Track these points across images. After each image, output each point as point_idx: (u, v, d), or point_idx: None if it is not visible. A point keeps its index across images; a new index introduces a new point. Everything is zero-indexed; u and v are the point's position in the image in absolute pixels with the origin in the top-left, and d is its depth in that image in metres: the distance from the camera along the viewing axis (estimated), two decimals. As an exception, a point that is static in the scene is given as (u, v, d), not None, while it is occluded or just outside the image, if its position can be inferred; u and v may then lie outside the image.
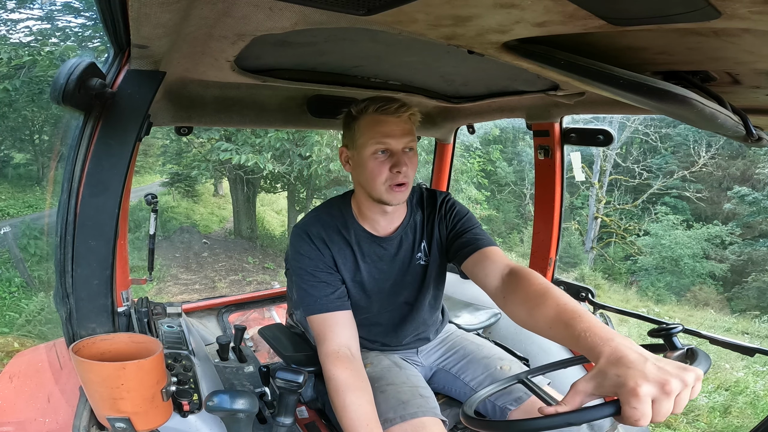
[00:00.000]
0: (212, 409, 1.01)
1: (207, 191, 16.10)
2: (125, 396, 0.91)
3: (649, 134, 14.33)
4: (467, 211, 1.38)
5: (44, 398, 1.14)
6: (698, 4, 0.53)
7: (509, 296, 1.09)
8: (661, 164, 15.50)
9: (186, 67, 1.17)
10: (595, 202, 14.49)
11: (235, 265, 10.26)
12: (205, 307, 2.31)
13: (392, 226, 1.33)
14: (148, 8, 0.71)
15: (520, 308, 1.05)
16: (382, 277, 1.35)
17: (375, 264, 1.33)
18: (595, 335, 0.81)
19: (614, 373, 0.72)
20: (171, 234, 11.40)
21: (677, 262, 13.40)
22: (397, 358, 1.41)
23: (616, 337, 0.79)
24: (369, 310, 1.37)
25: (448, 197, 1.40)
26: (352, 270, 1.32)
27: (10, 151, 11.98)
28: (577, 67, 0.77)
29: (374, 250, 1.32)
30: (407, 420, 1.14)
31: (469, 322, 2.08)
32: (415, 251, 1.36)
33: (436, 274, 1.39)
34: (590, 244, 14.52)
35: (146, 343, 1.03)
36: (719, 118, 0.82)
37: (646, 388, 0.69)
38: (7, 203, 10.65)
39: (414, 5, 0.65)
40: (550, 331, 0.94)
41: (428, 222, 1.37)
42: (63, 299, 1.00)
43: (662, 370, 0.70)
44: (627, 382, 0.70)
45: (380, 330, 1.42)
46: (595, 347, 0.79)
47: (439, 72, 1.47)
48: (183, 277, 9.37)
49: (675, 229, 14.17)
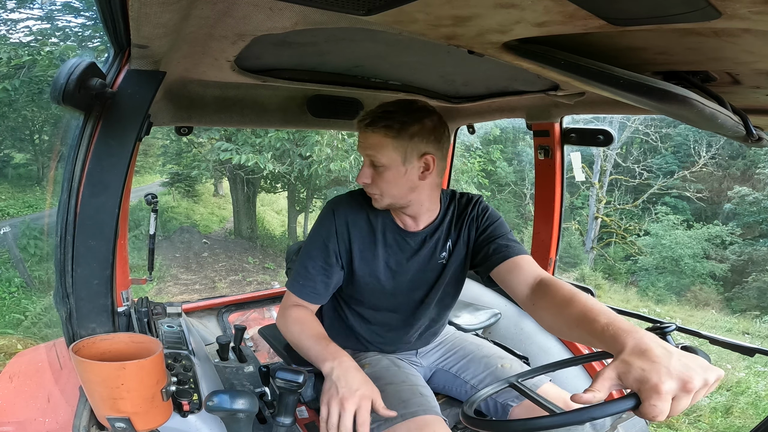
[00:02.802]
0: (212, 409, 1.01)
1: (207, 191, 16.11)
2: (125, 396, 0.91)
3: (649, 134, 14.35)
4: (499, 217, 1.36)
5: (44, 398, 1.14)
6: (698, 4, 0.53)
7: (538, 302, 1.10)
8: (661, 164, 15.53)
9: (186, 67, 1.17)
10: (596, 202, 14.51)
11: (235, 265, 10.29)
12: (205, 307, 2.31)
13: (420, 225, 1.32)
14: (148, 8, 0.71)
15: (548, 313, 1.06)
16: (401, 270, 1.33)
17: (395, 255, 1.32)
18: (618, 328, 0.82)
19: (639, 366, 0.72)
20: (171, 234, 11.42)
21: (677, 262, 13.44)
22: (395, 359, 1.40)
23: (639, 330, 0.80)
24: (383, 305, 1.36)
25: (481, 200, 1.38)
26: (371, 257, 1.31)
27: (10, 151, 11.98)
28: (577, 67, 0.77)
29: (398, 242, 1.32)
30: (408, 419, 1.13)
31: (469, 322, 2.07)
32: (438, 250, 1.34)
33: (454, 273, 1.37)
34: (590, 244, 14.53)
35: (146, 343, 1.03)
36: (719, 118, 0.82)
37: (669, 384, 0.68)
38: (6, 203, 10.66)
39: (414, 5, 0.64)
40: (576, 330, 0.95)
41: (457, 222, 1.35)
42: (63, 299, 1.00)
43: (687, 367, 0.70)
44: (651, 378, 0.69)
45: (389, 328, 1.41)
46: (618, 338, 0.80)
47: (440, 72, 1.47)
48: (183, 278, 9.42)
49: (675, 229, 14.22)
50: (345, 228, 1.29)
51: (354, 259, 1.30)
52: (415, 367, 1.44)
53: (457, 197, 1.38)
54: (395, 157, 1.17)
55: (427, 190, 1.25)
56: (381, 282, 1.33)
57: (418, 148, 1.17)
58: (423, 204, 1.27)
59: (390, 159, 1.17)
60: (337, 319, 1.46)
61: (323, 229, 1.29)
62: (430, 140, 1.18)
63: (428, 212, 1.31)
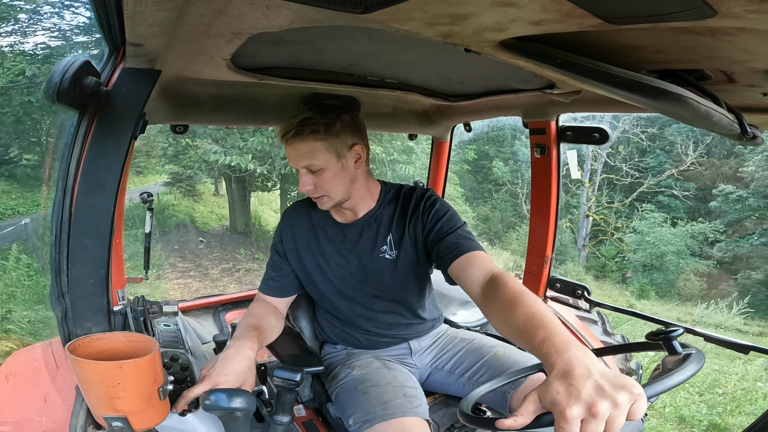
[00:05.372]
0: (209, 407, 1.01)
1: (207, 191, 16.74)
2: (122, 395, 0.91)
3: (638, 134, 14.53)
4: (447, 209, 1.34)
5: (41, 397, 1.13)
6: (694, 2, 0.53)
7: (488, 305, 1.07)
8: (651, 163, 15.76)
9: (181, 65, 1.16)
10: (586, 200, 14.66)
11: (228, 255, 11.25)
12: (201, 306, 2.30)
13: (355, 216, 1.38)
14: (143, 6, 0.70)
15: (495, 317, 1.02)
16: (344, 263, 1.38)
17: (337, 247, 1.39)
18: (552, 345, 0.79)
19: (555, 389, 0.70)
20: (170, 229, 12.24)
21: (663, 258, 13.82)
22: (388, 361, 1.41)
23: (572, 347, 0.77)
24: (338, 299, 1.41)
25: (430, 194, 1.37)
26: (316, 251, 1.39)
27: (27, 155, 12.59)
28: (574, 66, 0.77)
29: (336, 234, 1.39)
30: (386, 420, 1.14)
31: (465, 319, 2.08)
32: (378, 244, 1.36)
33: (410, 271, 1.37)
34: (582, 242, 14.69)
35: (143, 342, 1.03)
36: (714, 117, 0.82)
37: (575, 410, 0.67)
38: (17, 202, 11.68)
39: (411, 3, 0.64)
40: (519, 341, 0.91)
41: (400, 217, 1.36)
42: (58, 298, 0.99)
43: (599, 390, 0.68)
44: (561, 401, 0.68)
45: (357, 325, 1.44)
46: (549, 357, 0.77)
47: (436, 70, 1.47)
48: (180, 265, 10.44)
49: (660, 227, 14.68)
50: (289, 228, 1.43)
51: (301, 256, 1.41)
52: (409, 368, 1.44)
53: (403, 191, 1.41)
54: (329, 156, 1.25)
55: (362, 179, 1.34)
56: (327, 275, 1.39)
57: (345, 141, 1.26)
58: (360, 194, 1.35)
59: (325, 160, 1.25)
60: (318, 323, 1.54)
61: (276, 233, 1.47)
62: (353, 131, 1.28)
63: (364, 201, 1.37)
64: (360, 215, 1.38)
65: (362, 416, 1.18)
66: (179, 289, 9.26)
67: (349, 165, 1.29)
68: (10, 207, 11.05)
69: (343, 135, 1.25)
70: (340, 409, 1.30)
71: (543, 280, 2.07)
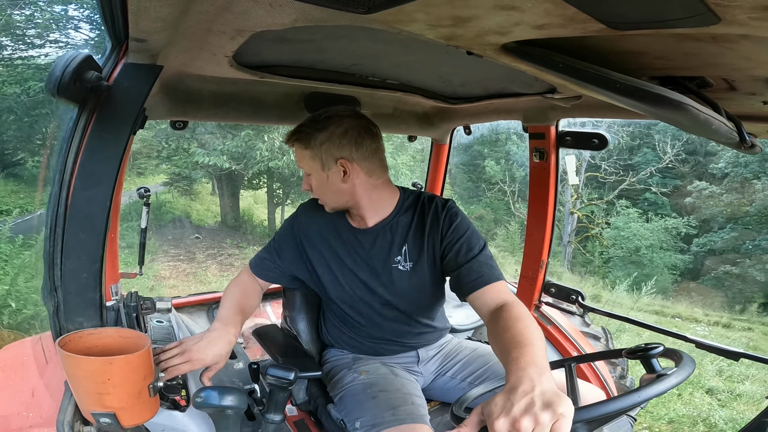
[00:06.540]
0: (200, 405, 1.00)
1: (205, 190, 17.38)
2: (111, 391, 0.90)
3: (620, 133, 14.91)
4: (468, 227, 1.28)
5: (28, 392, 1.12)
6: (698, 9, 0.53)
7: (490, 327, 1.09)
8: (635, 162, 16.20)
9: (183, 61, 1.16)
10: (570, 197, 14.89)
11: (215, 244, 12.77)
12: (195, 303, 2.29)
13: (371, 222, 1.33)
14: (147, 2, 0.70)
15: (491, 337, 1.05)
16: (357, 266, 1.34)
17: (352, 249, 1.35)
18: (516, 363, 0.81)
19: (495, 401, 0.73)
20: (166, 224, 13.30)
21: (640, 253, 14.57)
22: (395, 367, 1.40)
23: (531, 367, 0.78)
24: (347, 301, 1.38)
25: (450, 206, 1.32)
26: (329, 253, 1.36)
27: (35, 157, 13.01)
28: (575, 71, 0.77)
29: (351, 239, 1.35)
30: (394, 426, 1.15)
31: (461, 322, 2.08)
32: (393, 254, 1.32)
33: (424, 284, 1.34)
34: (567, 239, 14.99)
35: (134, 338, 1.02)
36: (713, 125, 0.82)
37: (501, 423, 0.69)
38: (24, 201, 12.18)
39: (414, 5, 0.64)
40: (500, 357, 0.94)
41: (417, 228, 1.31)
42: (51, 292, 0.98)
43: (528, 406, 0.70)
44: (492, 414, 0.71)
45: (365, 332, 1.41)
46: (509, 374, 0.80)
47: (438, 72, 1.47)
48: (171, 252, 11.84)
49: (636, 222, 15.41)
50: (301, 230, 1.39)
51: (310, 255, 1.38)
52: (415, 375, 1.44)
53: (422, 198, 1.35)
54: (314, 165, 1.24)
55: (360, 191, 1.27)
56: (338, 279, 1.36)
57: (331, 154, 1.22)
58: (364, 205, 1.29)
59: (311, 167, 1.25)
60: (325, 326, 1.51)
61: (283, 229, 1.44)
62: (342, 145, 1.21)
63: (374, 211, 1.32)
64: (371, 224, 1.32)
65: (370, 420, 1.18)
66: (169, 270, 10.56)
67: (335, 178, 1.23)
68: (19, 205, 11.52)
69: (326, 147, 1.21)
70: (344, 412, 1.29)
71: (538, 284, 2.07)
